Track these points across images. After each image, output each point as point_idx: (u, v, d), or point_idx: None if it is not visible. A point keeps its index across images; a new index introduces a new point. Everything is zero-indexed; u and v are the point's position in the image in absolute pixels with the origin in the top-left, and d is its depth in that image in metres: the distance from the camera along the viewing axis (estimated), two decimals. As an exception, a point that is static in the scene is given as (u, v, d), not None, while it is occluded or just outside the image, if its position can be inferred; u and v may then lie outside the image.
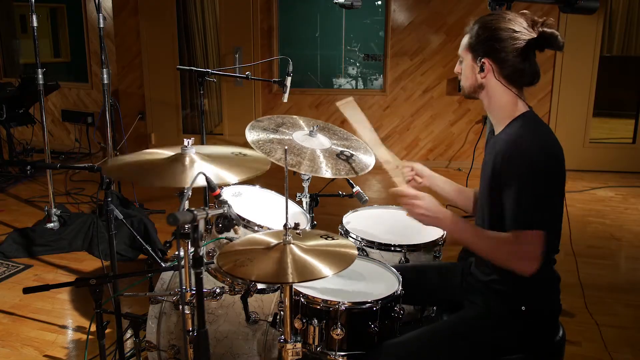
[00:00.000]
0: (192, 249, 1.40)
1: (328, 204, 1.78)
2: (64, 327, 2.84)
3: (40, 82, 3.69)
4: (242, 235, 1.89)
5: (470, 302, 1.79)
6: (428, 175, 2.07)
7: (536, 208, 1.56)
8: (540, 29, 1.62)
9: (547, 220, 1.57)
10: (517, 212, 1.57)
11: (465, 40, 1.73)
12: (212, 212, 1.42)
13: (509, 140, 1.62)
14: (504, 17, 1.64)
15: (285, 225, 1.54)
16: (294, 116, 2.47)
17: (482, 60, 1.66)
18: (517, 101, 1.68)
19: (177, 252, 1.49)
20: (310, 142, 2.26)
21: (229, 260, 1.49)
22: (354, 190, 2.45)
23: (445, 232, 2.16)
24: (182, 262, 1.51)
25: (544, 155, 1.57)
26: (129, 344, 2.51)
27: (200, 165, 1.63)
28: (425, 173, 2.07)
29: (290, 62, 2.66)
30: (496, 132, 1.75)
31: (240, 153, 1.80)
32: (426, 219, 1.69)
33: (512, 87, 1.67)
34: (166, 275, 2.15)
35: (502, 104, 1.69)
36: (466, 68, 1.73)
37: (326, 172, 2.09)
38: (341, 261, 1.51)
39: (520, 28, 1.62)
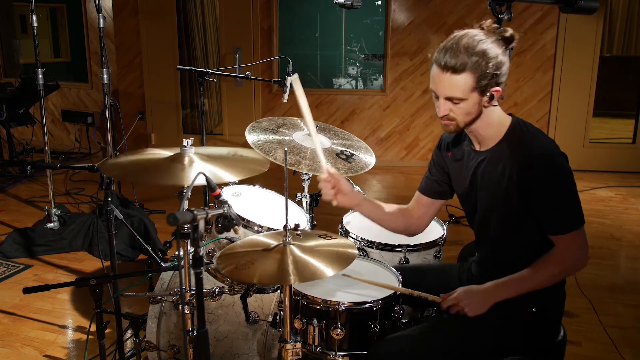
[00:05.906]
0: (192, 249, 1.40)
1: (328, 204, 1.78)
2: (64, 327, 2.83)
3: (40, 82, 3.69)
4: (242, 235, 1.89)
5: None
6: (346, 192, 1.77)
7: (574, 206, 1.57)
8: (504, 34, 1.57)
9: (582, 213, 1.58)
10: (560, 218, 1.57)
11: (461, 79, 1.54)
12: (212, 212, 1.42)
13: (517, 152, 1.59)
14: (487, 38, 1.55)
15: (285, 227, 1.54)
16: (295, 118, 2.48)
17: (495, 89, 1.57)
18: (501, 112, 1.67)
19: (177, 252, 1.49)
20: (310, 142, 2.26)
21: (230, 263, 1.49)
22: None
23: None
24: (182, 262, 1.51)
25: (558, 154, 1.58)
26: (129, 344, 2.51)
27: (199, 166, 1.63)
28: (343, 188, 1.76)
29: (290, 62, 2.66)
30: (480, 148, 1.71)
31: (236, 153, 1.80)
32: (479, 304, 1.65)
33: (495, 101, 1.62)
34: (166, 275, 2.15)
35: (492, 121, 1.65)
36: (470, 105, 1.58)
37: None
38: (341, 261, 1.51)
39: (498, 43, 1.56)
